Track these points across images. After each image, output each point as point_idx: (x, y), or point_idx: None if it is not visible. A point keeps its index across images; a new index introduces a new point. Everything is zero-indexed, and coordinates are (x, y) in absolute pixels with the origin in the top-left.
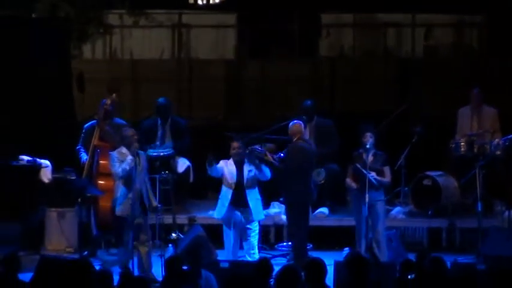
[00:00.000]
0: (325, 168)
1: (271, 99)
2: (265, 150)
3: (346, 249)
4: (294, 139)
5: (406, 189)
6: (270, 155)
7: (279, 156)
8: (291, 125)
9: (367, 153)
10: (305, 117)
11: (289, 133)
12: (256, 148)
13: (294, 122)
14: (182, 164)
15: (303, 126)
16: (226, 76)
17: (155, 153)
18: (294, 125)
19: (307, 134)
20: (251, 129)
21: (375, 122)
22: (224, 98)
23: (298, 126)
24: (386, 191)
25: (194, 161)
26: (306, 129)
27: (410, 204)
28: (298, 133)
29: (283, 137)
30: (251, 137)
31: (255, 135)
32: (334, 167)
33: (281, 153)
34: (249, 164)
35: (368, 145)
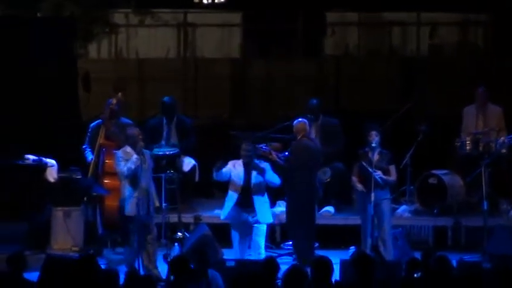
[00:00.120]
0: (330, 167)
1: (277, 98)
2: (270, 148)
3: (352, 248)
4: (299, 137)
5: (412, 187)
6: (275, 153)
7: (284, 155)
8: (296, 123)
9: (373, 152)
10: (311, 116)
11: (294, 131)
12: (261, 147)
13: (299, 120)
14: (188, 163)
15: (308, 125)
16: (232, 75)
17: (161, 152)
18: (299, 123)
19: (313, 133)
20: (256, 127)
21: (380, 120)
22: (229, 97)
23: (303, 124)
24: (392, 189)
25: (200, 160)
26: (311, 128)
27: (416, 202)
28: (303, 131)
29: (289, 135)
30: (257, 135)
31: (261, 134)
32: (340, 165)
33: (286, 152)
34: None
35: (373, 144)
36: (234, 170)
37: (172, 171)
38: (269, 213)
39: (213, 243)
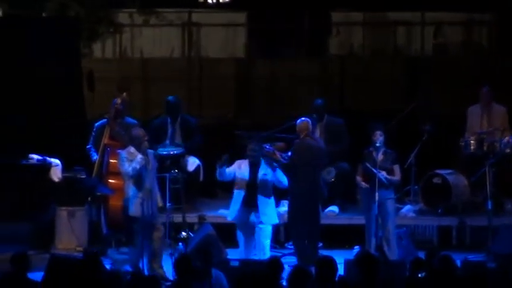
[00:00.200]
0: (335, 166)
1: (281, 98)
2: (274, 148)
3: (356, 248)
4: (301, 136)
5: (416, 187)
6: (279, 153)
7: (287, 155)
8: (299, 122)
9: (377, 152)
10: (315, 116)
11: (297, 130)
12: (264, 146)
13: (301, 120)
14: (192, 163)
15: (311, 124)
16: (236, 75)
17: (165, 152)
18: (301, 122)
19: (318, 133)
20: (261, 127)
21: (385, 120)
22: (234, 97)
23: (305, 123)
24: (396, 189)
25: (204, 159)
26: (316, 128)
27: (420, 202)
28: (305, 130)
29: (293, 135)
30: (261, 135)
31: (265, 134)
32: (345, 165)
33: (289, 152)
34: (266, 167)
35: (378, 143)
36: (240, 170)
37: (177, 171)
38: (274, 214)
39: (217, 243)
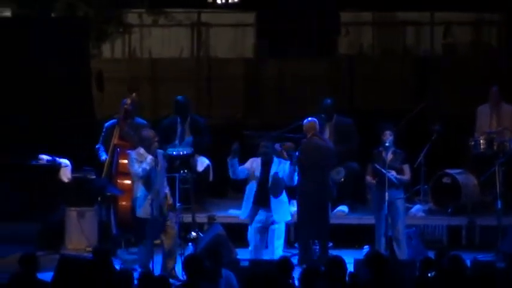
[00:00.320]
0: (345, 166)
1: (290, 98)
2: (282, 148)
3: (366, 248)
4: (308, 136)
5: (426, 187)
6: (286, 153)
7: (295, 155)
8: (305, 122)
9: (387, 152)
10: (324, 115)
11: (304, 130)
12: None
13: (308, 120)
14: (202, 163)
15: (318, 124)
16: (245, 75)
17: (175, 153)
18: (308, 122)
19: (327, 133)
20: (270, 127)
21: (394, 120)
22: (243, 97)
23: (312, 123)
24: (406, 188)
25: (213, 159)
26: (326, 128)
27: (430, 202)
28: (312, 130)
29: (300, 135)
30: (270, 135)
31: (274, 134)
32: (354, 165)
33: (297, 152)
34: (278, 164)
35: (387, 143)
36: (251, 168)
37: (186, 171)
38: (287, 211)
39: (227, 243)
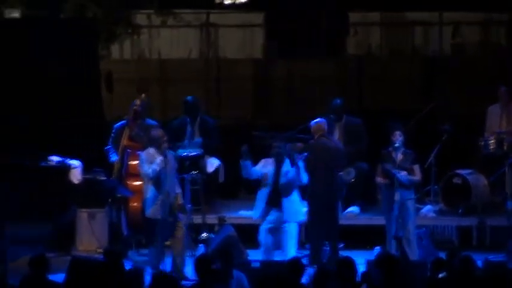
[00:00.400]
0: (354, 167)
1: (299, 98)
2: (290, 148)
3: (377, 248)
4: (316, 137)
5: (436, 187)
6: (289, 154)
7: (304, 155)
8: (313, 123)
9: (396, 152)
10: (333, 116)
11: (311, 131)
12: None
13: (316, 121)
14: (212, 164)
15: (325, 124)
16: (254, 75)
17: (185, 153)
18: (316, 123)
19: (337, 134)
20: (279, 128)
21: (403, 120)
22: (252, 97)
23: (320, 124)
24: (417, 189)
25: (224, 160)
26: (335, 129)
27: (441, 202)
28: (320, 131)
29: (309, 136)
30: (279, 136)
31: (284, 135)
32: (364, 165)
33: (305, 153)
34: (289, 164)
35: (397, 143)
36: (264, 168)
37: (196, 172)
38: (299, 211)
39: (237, 244)
